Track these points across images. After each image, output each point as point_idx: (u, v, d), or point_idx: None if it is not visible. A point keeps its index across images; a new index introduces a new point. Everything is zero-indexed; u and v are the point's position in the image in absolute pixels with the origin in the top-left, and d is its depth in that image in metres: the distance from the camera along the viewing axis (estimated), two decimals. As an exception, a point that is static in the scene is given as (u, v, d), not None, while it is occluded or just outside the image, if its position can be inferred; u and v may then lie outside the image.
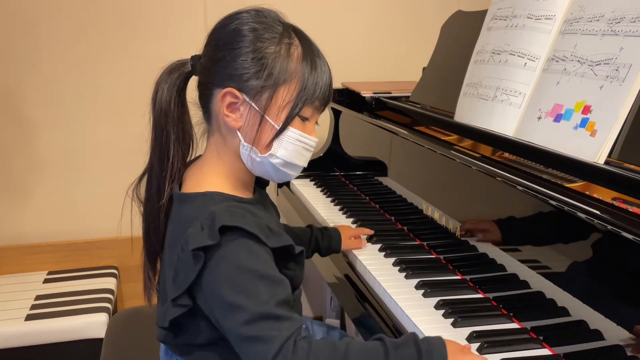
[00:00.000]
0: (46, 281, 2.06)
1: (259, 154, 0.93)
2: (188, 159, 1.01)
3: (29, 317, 1.79)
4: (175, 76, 0.95)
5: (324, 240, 1.29)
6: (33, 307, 1.86)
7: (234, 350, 0.88)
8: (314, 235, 1.29)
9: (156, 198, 0.97)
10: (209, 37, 0.96)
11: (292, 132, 0.92)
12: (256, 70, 0.89)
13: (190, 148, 1.00)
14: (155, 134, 0.96)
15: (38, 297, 1.92)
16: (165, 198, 0.96)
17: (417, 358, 0.85)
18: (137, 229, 1.04)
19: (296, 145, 0.93)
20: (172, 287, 0.88)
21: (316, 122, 0.98)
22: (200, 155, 1.02)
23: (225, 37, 0.92)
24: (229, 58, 0.90)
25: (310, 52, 0.93)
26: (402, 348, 0.85)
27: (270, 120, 0.91)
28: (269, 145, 0.92)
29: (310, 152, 0.97)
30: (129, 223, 1.09)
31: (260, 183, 1.06)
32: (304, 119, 0.94)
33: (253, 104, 0.91)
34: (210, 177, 0.96)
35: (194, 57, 0.97)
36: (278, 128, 0.91)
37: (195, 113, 1.00)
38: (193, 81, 0.98)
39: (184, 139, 0.97)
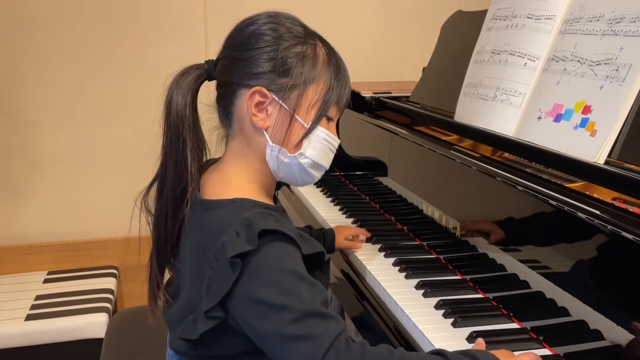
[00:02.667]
0: (46, 281, 2.06)
1: (288, 154, 0.92)
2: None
3: (29, 317, 1.80)
4: (189, 80, 0.93)
5: (319, 240, 1.29)
6: (33, 307, 1.86)
7: None
8: (312, 235, 1.28)
9: (173, 206, 0.93)
10: (229, 38, 0.95)
11: (320, 132, 0.93)
12: (284, 69, 0.89)
13: (205, 154, 0.98)
14: (171, 140, 0.92)
15: (38, 297, 1.92)
16: (189, 205, 0.92)
17: None
18: (134, 230, 1.01)
19: (324, 145, 0.93)
20: (206, 298, 0.84)
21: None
22: (213, 159, 1.01)
23: (250, 37, 0.91)
24: (255, 57, 0.89)
25: (333, 53, 0.95)
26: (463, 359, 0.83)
27: (300, 120, 0.91)
28: (299, 144, 0.92)
29: (334, 153, 0.97)
30: (127, 223, 1.08)
31: None
32: (329, 119, 0.94)
33: (282, 103, 0.90)
34: (234, 182, 0.93)
35: (208, 62, 0.95)
36: (307, 127, 0.91)
37: (208, 118, 0.98)
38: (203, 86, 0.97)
39: (198, 145, 0.94)
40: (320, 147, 0.93)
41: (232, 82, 0.92)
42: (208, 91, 0.98)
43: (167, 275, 1.03)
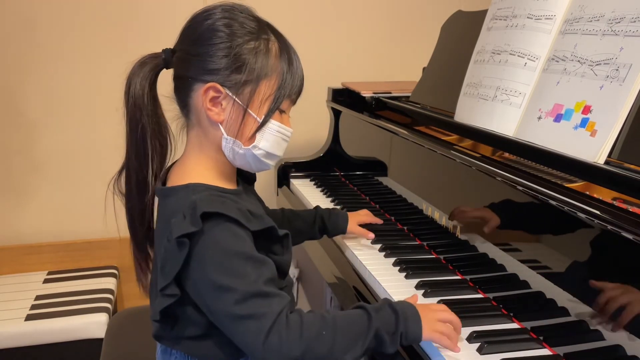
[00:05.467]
0: (46, 281, 2.06)
1: (242, 146, 0.95)
2: (170, 155, 1.02)
3: (29, 317, 1.80)
4: (147, 69, 0.96)
5: (331, 219, 1.32)
6: (33, 307, 1.86)
7: (227, 340, 0.90)
8: (318, 214, 1.32)
9: (137, 192, 0.99)
10: (184, 31, 0.98)
11: (272, 124, 0.96)
12: (238, 65, 0.92)
13: (169, 142, 1.01)
14: (130, 128, 0.96)
15: (38, 297, 1.92)
16: (150, 193, 0.98)
17: (394, 318, 0.91)
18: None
19: (276, 137, 0.97)
20: (161, 278, 0.89)
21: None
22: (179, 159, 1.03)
23: (204, 32, 0.93)
24: (210, 53, 0.92)
25: (286, 47, 0.97)
26: (381, 311, 0.91)
27: (253, 114, 0.94)
28: (252, 137, 0.95)
29: (287, 142, 1.00)
30: (124, 222, 1.09)
31: (247, 179, 1.08)
32: (281, 112, 0.98)
33: (236, 99, 0.93)
34: (192, 170, 0.98)
35: (165, 51, 0.98)
36: (260, 121, 0.95)
37: (169, 107, 1.00)
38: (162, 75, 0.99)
39: (160, 132, 0.98)
40: (273, 138, 0.97)
41: (187, 76, 0.95)
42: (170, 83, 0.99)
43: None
